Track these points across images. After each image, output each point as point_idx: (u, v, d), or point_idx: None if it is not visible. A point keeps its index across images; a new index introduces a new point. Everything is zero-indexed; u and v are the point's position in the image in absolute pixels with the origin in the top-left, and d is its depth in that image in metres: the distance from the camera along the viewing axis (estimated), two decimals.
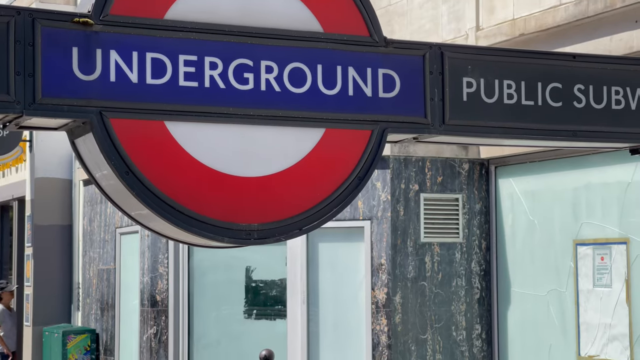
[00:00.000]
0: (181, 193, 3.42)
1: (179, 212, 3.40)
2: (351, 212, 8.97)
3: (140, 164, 3.36)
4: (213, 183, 3.49)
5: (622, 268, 7.96)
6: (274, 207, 3.56)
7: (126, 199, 3.43)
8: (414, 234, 8.92)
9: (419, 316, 8.87)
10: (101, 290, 10.59)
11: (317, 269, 9.17)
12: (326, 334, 9.11)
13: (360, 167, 3.64)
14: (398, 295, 8.80)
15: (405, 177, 8.97)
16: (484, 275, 9.17)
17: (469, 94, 3.65)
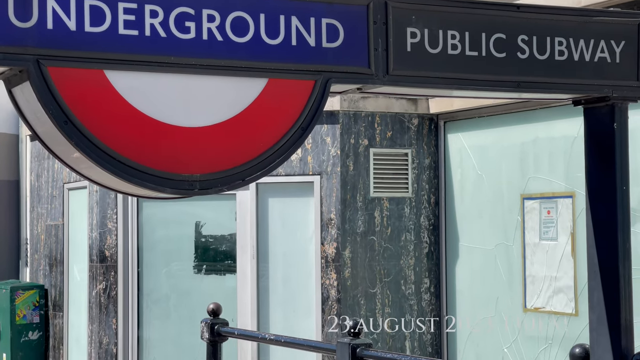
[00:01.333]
0: (122, 143, 3.38)
1: (119, 162, 3.35)
2: (301, 167, 8.97)
3: (79, 114, 3.30)
4: (154, 133, 3.44)
5: (567, 222, 8.06)
6: (216, 158, 3.53)
7: (66, 149, 3.38)
8: (363, 188, 8.95)
9: (368, 270, 8.93)
10: (49, 246, 10.50)
11: (266, 224, 9.17)
12: (276, 288, 9.14)
13: (304, 118, 3.61)
14: (347, 250, 8.84)
15: (354, 132, 8.97)
16: (432, 229, 9.25)
17: (413, 44, 3.64)
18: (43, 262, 10.65)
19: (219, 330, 5.60)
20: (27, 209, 11.04)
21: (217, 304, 5.72)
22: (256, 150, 3.59)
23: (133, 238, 9.43)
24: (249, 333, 7.37)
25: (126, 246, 9.42)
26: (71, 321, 10.10)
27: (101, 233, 9.43)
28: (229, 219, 9.33)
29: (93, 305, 9.50)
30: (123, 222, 9.42)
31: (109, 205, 9.43)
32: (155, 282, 9.45)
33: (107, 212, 9.44)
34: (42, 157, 10.73)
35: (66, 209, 10.24)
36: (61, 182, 10.31)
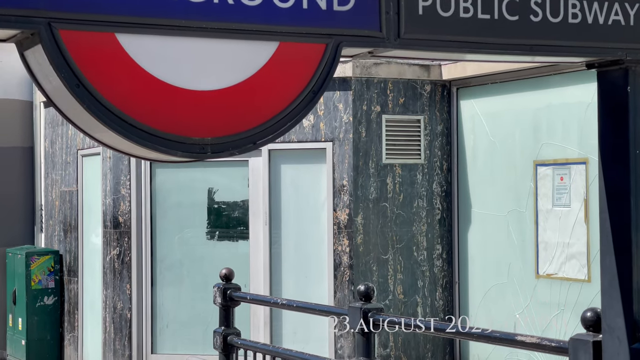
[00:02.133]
0: (133, 106, 3.38)
1: (130, 126, 3.36)
2: (313, 133, 8.97)
3: (91, 77, 3.30)
4: (166, 96, 3.45)
5: (581, 188, 8.05)
6: (227, 121, 3.53)
7: (78, 112, 3.39)
8: (375, 155, 8.95)
9: (380, 237, 8.95)
10: (64, 212, 10.56)
11: (279, 190, 9.19)
12: (288, 255, 9.18)
13: (315, 81, 3.60)
14: (360, 216, 8.85)
15: (367, 98, 8.96)
16: (445, 196, 9.25)
17: (424, 7, 3.62)
18: (58, 228, 10.71)
19: (231, 295, 5.64)
20: (41, 175, 11.08)
21: (230, 269, 5.76)
22: (267, 114, 3.59)
23: (146, 204, 9.47)
24: (261, 298, 7.42)
25: (139, 212, 9.46)
26: (86, 286, 10.18)
27: (115, 199, 9.47)
28: (241, 186, 9.35)
29: (107, 271, 9.56)
30: (136, 188, 9.45)
31: (122, 171, 9.46)
32: (168, 248, 9.50)
33: (120, 179, 9.47)
34: (56, 124, 10.76)
35: (80, 176, 10.29)
36: (75, 148, 10.35)
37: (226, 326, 5.66)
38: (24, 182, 11.13)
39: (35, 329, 10.29)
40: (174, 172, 9.52)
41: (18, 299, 10.42)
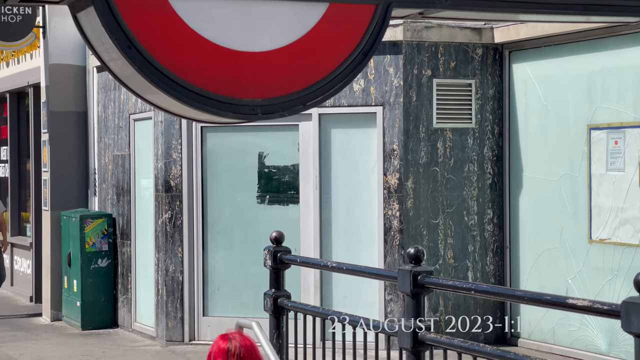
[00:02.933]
0: (184, 68, 3.40)
1: (182, 87, 3.38)
2: (363, 97, 8.94)
3: (143, 38, 3.32)
4: (217, 58, 3.46)
5: (635, 152, 7.93)
6: (277, 83, 3.54)
7: (130, 74, 3.42)
8: (426, 119, 8.90)
9: (430, 201, 8.92)
10: (117, 176, 10.67)
11: (329, 154, 9.20)
12: (338, 219, 9.20)
13: (365, 43, 3.59)
14: (410, 181, 8.84)
15: (418, 62, 8.90)
16: (496, 160, 9.18)
17: None
18: (110, 191, 10.84)
19: (281, 258, 5.65)
20: (94, 139, 11.20)
21: (280, 232, 5.77)
22: (317, 75, 3.59)
23: (197, 168, 9.53)
24: (311, 260, 7.44)
25: (190, 176, 9.53)
26: (138, 249, 10.30)
27: (166, 163, 9.55)
28: (291, 150, 9.36)
29: (159, 234, 9.67)
30: (187, 152, 9.51)
31: (173, 135, 9.53)
32: (219, 212, 9.57)
33: (171, 143, 9.54)
34: (108, 89, 10.86)
35: (132, 140, 10.38)
36: (127, 113, 10.44)
37: (276, 289, 5.68)
38: (77, 147, 11.25)
39: (90, 291, 10.45)
40: (225, 136, 9.57)
41: (73, 261, 10.59)
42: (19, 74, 12.79)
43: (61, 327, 10.67)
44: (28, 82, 12.31)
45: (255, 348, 3.76)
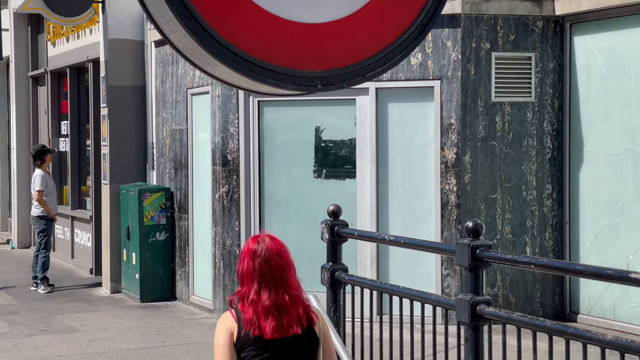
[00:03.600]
0: (244, 39, 3.40)
1: (241, 59, 3.38)
2: (421, 71, 8.88)
3: (203, 10, 3.33)
4: (275, 29, 3.45)
5: None
6: (337, 54, 3.52)
7: (190, 46, 3.43)
8: (484, 93, 8.81)
9: (488, 176, 8.85)
10: (174, 150, 10.75)
11: (386, 129, 9.16)
12: (395, 193, 9.17)
13: (425, 14, 3.56)
14: (468, 155, 8.77)
15: (476, 35, 8.80)
16: (555, 134, 9.07)
17: None
18: (168, 165, 10.93)
19: (338, 231, 5.66)
20: (152, 113, 11.29)
21: (337, 206, 5.77)
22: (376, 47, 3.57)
23: (254, 142, 9.56)
24: (368, 234, 7.44)
25: (247, 150, 9.56)
26: (196, 223, 10.38)
27: (223, 137, 9.59)
28: (348, 124, 9.34)
29: (216, 208, 9.73)
30: (244, 126, 9.54)
31: (230, 110, 9.56)
32: (276, 186, 9.60)
33: (229, 117, 9.58)
34: (166, 63, 10.92)
35: (190, 114, 10.44)
36: (185, 87, 10.50)
37: (334, 262, 5.69)
38: (136, 121, 11.36)
39: (148, 264, 10.57)
40: (282, 110, 9.58)
41: (132, 234, 10.72)
42: (79, 49, 12.93)
43: (120, 299, 10.82)
44: (87, 57, 12.44)
45: (283, 252, 3.84)
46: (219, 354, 3.79)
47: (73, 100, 13.57)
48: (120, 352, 8.19)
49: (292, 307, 3.78)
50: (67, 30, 13.31)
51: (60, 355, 8.10)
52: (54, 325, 9.31)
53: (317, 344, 3.87)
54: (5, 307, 10.34)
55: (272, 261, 3.81)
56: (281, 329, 3.76)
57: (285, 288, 3.79)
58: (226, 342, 3.78)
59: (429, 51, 8.80)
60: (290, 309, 3.78)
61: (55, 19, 12.15)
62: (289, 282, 3.81)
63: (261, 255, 3.83)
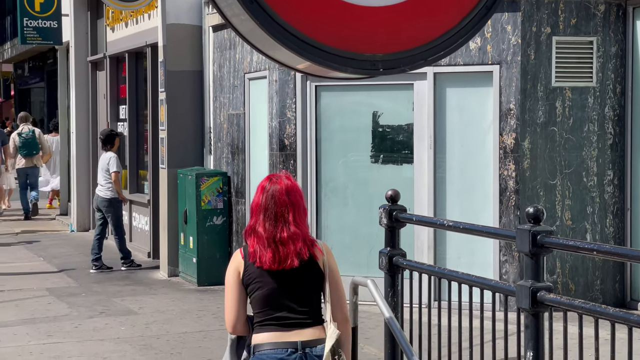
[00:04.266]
0: (306, 22, 3.39)
1: (303, 42, 3.38)
2: (480, 56, 8.80)
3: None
4: (338, 13, 3.44)
5: None
6: (398, 38, 3.50)
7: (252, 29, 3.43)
8: (544, 78, 8.70)
9: (548, 162, 8.75)
10: (231, 135, 10.80)
11: (444, 114, 9.10)
12: (453, 179, 9.11)
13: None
14: (527, 141, 8.67)
15: (537, 19, 8.69)
16: (617, 120, 8.93)
17: None
18: (226, 150, 10.98)
19: (397, 216, 5.62)
20: (210, 98, 11.34)
21: (396, 191, 5.74)
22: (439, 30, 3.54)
23: (311, 127, 9.56)
24: (427, 219, 7.40)
25: (304, 135, 9.57)
26: None
27: (280, 122, 9.61)
28: (406, 109, 9.30)
29: None
30: (302, 111, 9.55)
31: (288, 95, 9.57)
32: (332, 171, 9.59)
33: (286, 102, 9.59)
34: (224, 48, 10.96)
35: (247, 99, 10.48)
36: (242, 72, 10.53)
37: (392, 247, 5.66)
38: (193, 105, 11.43)
39: (205, 248, 10.64)
40: (339, 95, 9.56)
41: (189, 218, 10.80)
42: (137, 34, 13.04)
43: (178, 282, 10.92)
44: (146, 42, 12.54)
45: (292, 191, 4.14)
46: (228, 292, 4.19)
47: (131, 85, 13.69)
48: (177, 334, 8.28)
49: (291, 241, 4.09)
50: (126, 15, 13.43)
51: (119, 337, 8.21)
52: (112, 308, 9.43)
53: (320, 277, 4.16)
54: (65, 289, 10.50)
55: (277, 198, 4.11)
56: (278, 261, 4.09)
57: (286, 223, 4.11)
58: (233, 280, 4.21)
59: (488, 35, 8.71)
60: (289, 244, 4.09)
61: (115, 4, 12.25)
62: (291, 219, 4.11)
63: (269, 191, 4.14)
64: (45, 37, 16.86)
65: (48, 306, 9.54)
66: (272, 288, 4.13)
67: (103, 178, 11.65)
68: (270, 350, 4.14)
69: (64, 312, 9.27)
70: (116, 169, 11.51)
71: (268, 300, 4.16)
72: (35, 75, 27.89)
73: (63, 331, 8.43)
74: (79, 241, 14.36)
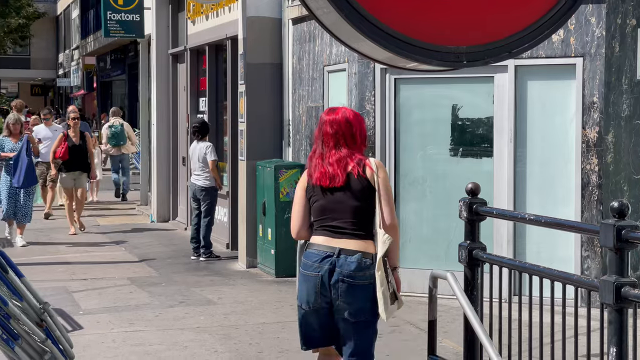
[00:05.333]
0: (389, 15, 3.40)
1: (387, 35, 3.38)
2: (562, 48, 8.67)
3: None
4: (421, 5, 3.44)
5: None
6: (482, 30, 3.49)
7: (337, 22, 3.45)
8: (629, 71, 8.54)
9: (632, 156, 8.59)
10: (310, 127, 10.84)
11: (525, 107, 9.00)
12: (533, 173, 9.01)
13: None
14: (610, 134, 8.53)
15: (622, 11, 8.53)
16: None
17: None
18: (304, 142, 11.03)
19: (477, 210, 5.60)
20: (289, 91, 11.41)
21: (476, 184, 5.70)
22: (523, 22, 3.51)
23: (390, 120, 9.55)
24: (508, 213, 7.33)
25: (383, 128, 9.56)
26: None
27: None
28: (486, 102, 9.22)
29: None
30: (381, 104, 9.54)
31: (367, 87, 9.57)
32: (411, 164, 9.57)
33: (365, 95, 9.59)
34: (303, 40, 11.01)
35: (326, 91, 10.50)
36: (321, 64, 10.56)
37: (471, 240, 5.63)
38: (272, 98, 11.50)
39: (283, 240, 10.70)
40: (418, 87, 9.53)
41: (267, 210, 10.87)
42: (218, 27, 13.17)
43: (256, 273, 11.02)
44: (226, 35, 12.65)
45: (349, 123, 4.83)
46: (294, 204, 5.18)
47: (211, 77, 13.83)
48: (256, 325, 8.35)
49: (340, 162, 4.92)
50: (207, 8, 13.57)
51: (199, 326, 8.32)
52: (192, 298, 9.57)
53: (371, 192, 4.92)
54: (146, 278, 10.68)
55: (333, 127, 4.87)
56: (329, 179, 4.96)
57: (337, 147, 4.91)
58: (299, 194, 5.19)
59: (571, 27, 8.59)
60: (338, 164, 4.93)
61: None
62: (342, 142, 4.89)
63: (326, 121, 4.91)
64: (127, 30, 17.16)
65: (130, 295, 9.71)
66: (325, 201, 5.00)
67: (199, 167, 11.83)
68: (314, 250, 5.02)
69: (145, 301, 9.43)
70: (214, 157, 11.73)
71: (322, 211, 5.03)
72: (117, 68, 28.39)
73: (144, 319, 8.58)
74: (159, 232, 14.59)
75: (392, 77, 9.43)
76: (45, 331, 4.57)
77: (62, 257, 12.03)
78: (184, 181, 14.58)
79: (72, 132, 14.28)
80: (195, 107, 14.65)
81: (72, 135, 14.24)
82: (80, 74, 37.76)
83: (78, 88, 39.37)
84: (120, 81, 30.27)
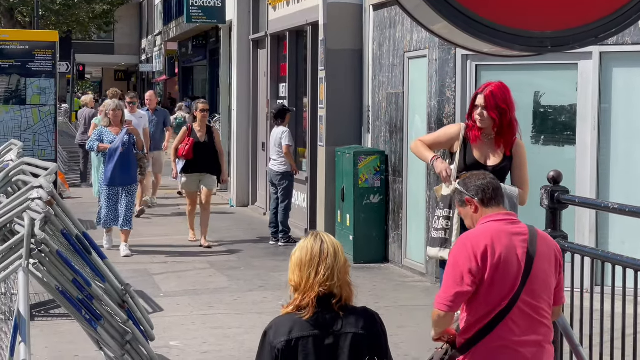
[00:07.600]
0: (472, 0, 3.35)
1: (469, 18, 3.34)
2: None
3: None
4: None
5: None
6: (568, 14, 3.41)
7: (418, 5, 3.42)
8: None
9: None
10: (390, 114, 10.80)
11: (609, 94, 8.82)
12: (617, 162, 8.83)
13: None
14: None
15: None
16: None
17: None
18: (384, 129, 10.99)
19: (559, 198, 5.51)
20: (369, 77, 11.37)
21: (558, 171, 5.62)
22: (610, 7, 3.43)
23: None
24: (590, 201, 7.20)
25: (464, 114, 9.45)
26: (410, 186, 10.40)
27: (439, 102, 9.54)
28: (569, 89, 9.06)
29: (431, 172, 9.70)
30: (461, 90, 9.45)
31: (447, 74, 9.48)
32: None
33: (445, 81, 9.50)
34: (384, 27, 10.95)
35: (406, 78, 10.44)
36: (402, 51, 10.49)
37: (553, 229, 5.55)
38: (352, 84, 11.48)
39: (362, 226, 10.70)
40: (500, 74, 9.37)
41: (346, 196, 10.88)
42: (299, 12, 13.19)
43: None
44: (307, 21, 12.67)
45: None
46: None
47: (291, 63, 13.88)
48: None
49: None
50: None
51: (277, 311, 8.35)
52: (271, 282, 9.63)
53: None
54: (225, 262, 10.78)
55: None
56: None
57: None
58: None
59: None
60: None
61: None
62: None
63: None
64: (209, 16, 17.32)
65: (209, 278, 9.82)
66: None
67: (275, 152, 11.89)
68: None
69: (224, 284, 9.53)
70: (288, 142, 11.76)
71: None
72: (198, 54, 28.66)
73: (223, 303, 8.67)
74: (238, 216, 14.71)
75: (473, 63, 9.33)
76: (127, 312, 4.65)
77: (143, 240, 12.21)
78: (263, 166, 14.66)
79: (198, 125, 11.83)
80: (275, 92, 14.72)
81: (198, 130, 11.80)
82: (163, 60, 38.25)
83: (160, 73, 39.89)
84: (201, 67, 30.56)
